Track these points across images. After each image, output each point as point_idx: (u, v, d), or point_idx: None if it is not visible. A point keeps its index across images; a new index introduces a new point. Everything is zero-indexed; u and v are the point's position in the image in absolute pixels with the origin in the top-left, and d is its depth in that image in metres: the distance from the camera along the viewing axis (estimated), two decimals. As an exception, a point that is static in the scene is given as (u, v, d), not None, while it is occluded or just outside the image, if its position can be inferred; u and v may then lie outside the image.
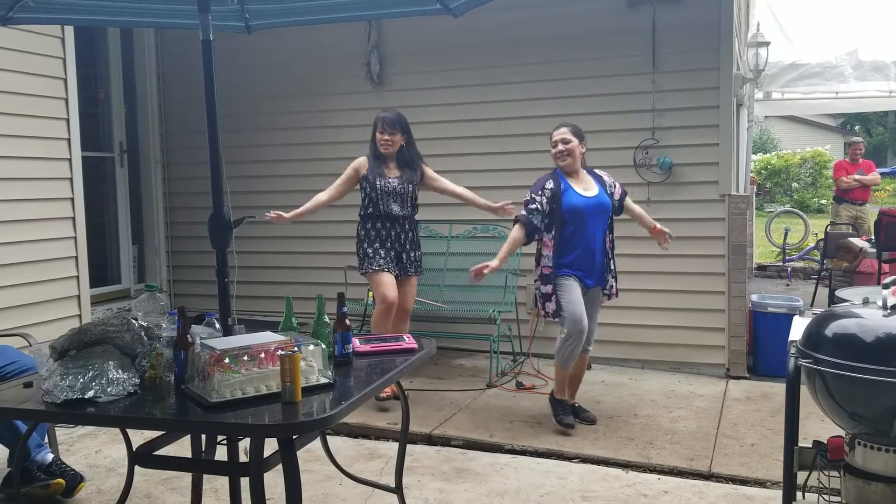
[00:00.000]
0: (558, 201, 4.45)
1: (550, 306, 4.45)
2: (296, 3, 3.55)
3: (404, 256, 4.97)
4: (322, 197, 4.94)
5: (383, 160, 4.92)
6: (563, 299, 4.41)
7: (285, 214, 4.79)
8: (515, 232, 4.51)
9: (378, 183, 4.86)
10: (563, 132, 4.53)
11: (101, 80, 6.65)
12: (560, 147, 4.50)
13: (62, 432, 4.42)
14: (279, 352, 2.37)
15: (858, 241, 7.68)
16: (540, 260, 4.56)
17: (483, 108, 6.10)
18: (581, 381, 4.76)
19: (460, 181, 6.07)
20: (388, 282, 4.82)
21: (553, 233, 4.48)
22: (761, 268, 11.24)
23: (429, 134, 6.01)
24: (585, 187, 4.52)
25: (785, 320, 5.02)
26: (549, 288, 4.46)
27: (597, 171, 4.67)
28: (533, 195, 4.51)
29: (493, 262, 4.43)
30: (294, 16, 3.72)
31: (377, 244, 4.89)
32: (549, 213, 4.47)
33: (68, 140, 5.28)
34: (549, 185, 4.51)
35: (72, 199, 5.29)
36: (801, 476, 2.85)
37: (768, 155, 22.83)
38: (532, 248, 4.81)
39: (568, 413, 4.57)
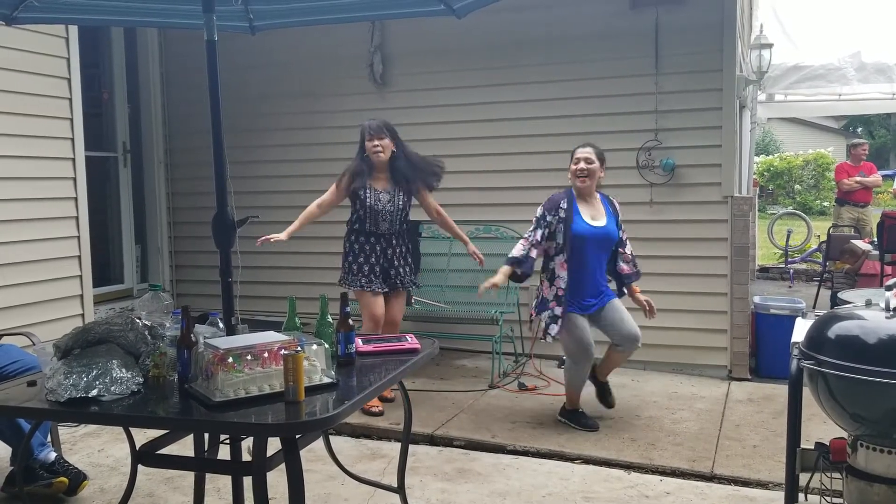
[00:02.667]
0: (568, 225, 4.40)
1: (554, 329, 4.43)
2: (300, 3, 3.56)
3: (392, 272, 4.86)
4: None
5: (372, 171, 4.80)
6: (569, 328, 4.42)
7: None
8: (505, 272, 4.48)
9: (368, 200, 4.76)
10: (588, 152, 4.43)
11: (105, 79, 6.67)
12: (582, 166, 4.41)
13: (65, 431, 4.43)
14: (282, 351, 2.38)
15: (861, 244, 7.67)
16: (554, 280, 4.48)
17: (486, 110, 6.10)
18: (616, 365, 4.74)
19: (463, 182, 6.11)
20: (373, 301, 4.78)
21: (564, 256, 4.44)
22: (764, 270, 11.23)
23: (432, 135, 6.02)
24: (594, 215, 4.45)
25: (787, 322, 5.04)
26: (560, 310, 4.43)
27: (609, 195, 4.58)
28: (545, 212, 4.46)
29: (497, 279, 4.44)
30: (298, 16, 3.72)
31: (361, 259, 4.81)
32: (559, 234, 4.43)
33: (72, 140, 5.28)
34: (563, 205, 4.44)
35: (75, 199, 5.30)
36: (803, 478, 2.85)
37: (771, 157, 22.79)
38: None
39: (585, 416, 4.64)
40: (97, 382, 2.42)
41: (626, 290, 4.66)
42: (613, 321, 4.52)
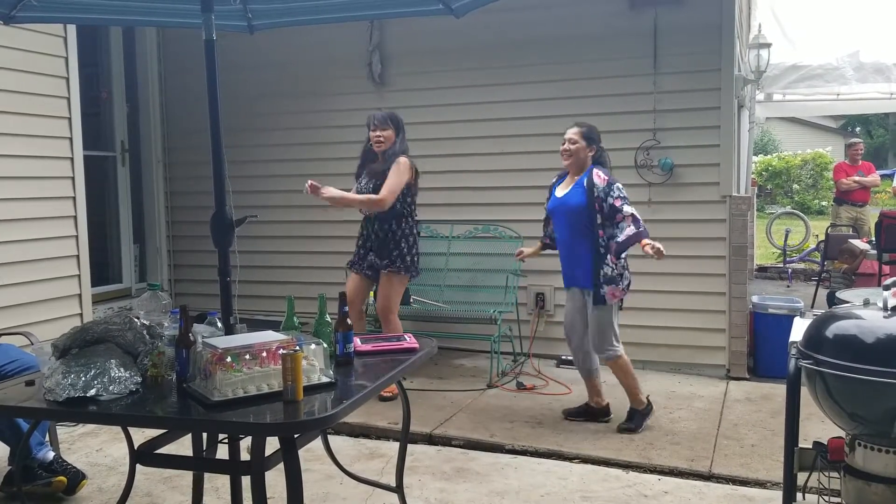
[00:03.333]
0: (546, 201, 4.70)
1: None
2: (298, 2, 3.56)
3: (371, 256, 4.96)
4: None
5: (372, 160, 4.95)
6: None
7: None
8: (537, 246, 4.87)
9: (359, 185, 4.97)
10: (572, 132, 4.52)
11: (103, 79, 6.66)
12: (566, 146, 4.51)
13: (63, 431, 4.43)
14: (281, 351, 2.38)
15: (859, 243, 7.68)
16: None
17: (484, 109, 6.10)
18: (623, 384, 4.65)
19: (462, 181, 6.15)
20: (349, 281, 5.04)
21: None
22: (762, 269, 11.24)
23: (430, 134, 6.03)
24: (566, 188, 4.53)
25: (785, 321, 5.02)
26: None
27: (599, 173, 4.42)
28: None
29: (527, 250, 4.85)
30: (296, 16, 3.72)
31: (357, 243, 5.10)
32: None
33: (70, 139, 5.28)
34: (552, 182, 4.70)
35: (73, 198, 5.30)
36: (801, 477, 2.85)
37: (769, 156, 22.80)
38: (530, 248, 4.90)
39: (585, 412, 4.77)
40: (95, 382, 2.41)
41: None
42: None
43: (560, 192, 4.56)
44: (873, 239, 7.63)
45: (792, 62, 8.49)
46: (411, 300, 5.78)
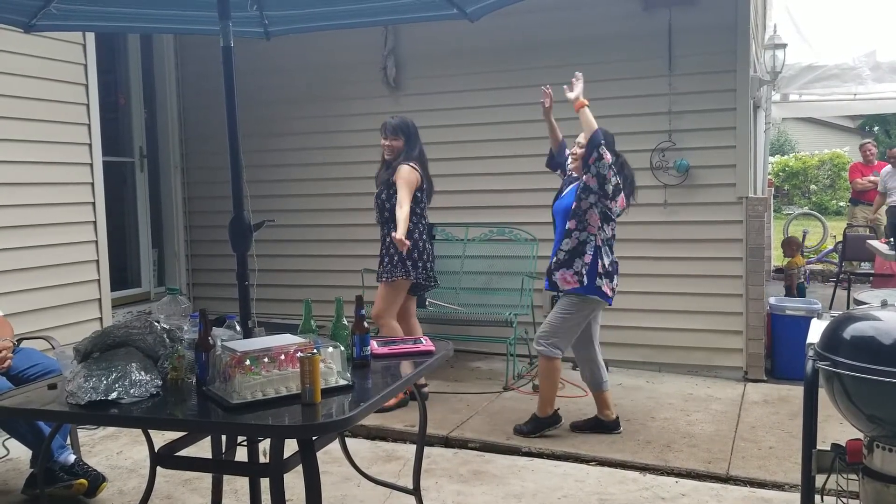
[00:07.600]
0: None
1: None
2: (314, 9, 3.59)
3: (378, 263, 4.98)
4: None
5: (387, 167, 4.93)
6: None
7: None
8: None
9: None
10: (579, 137, 4.47)
11: (122, 85, 6.73)
12: (574, 150, 4.49)
13: (84, 434, 4.48)
14: (299, 354, 2.40)
15: (878, 244, 7.62)
16: None
17: (499, 112, 6.11)
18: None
19: (477, 184, 6.16)
20: None
21: None
22: (779, 270, 11.16)
23: (445, 137, 6.04)
24: (567, 191, 4.48)
25: (803, 323, 5.02)
26: None
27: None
28: None
29: None
30: (312, 21, 3.76)
31: None
32: None
33: (89, 145, 5.35)
34: None
35: (93, 204, 5.36)
36: (819, 479, 2.84)
37: (786, 157, 22.65)
38: (546, 251, 4.85)
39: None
40: (117, 385, 2.45)
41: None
42: None
43: (561, 195, 4.51)
44: (892, 239, 7.56)
45: (808, 62, 8.46)
46: (427, 303, 5.80)
